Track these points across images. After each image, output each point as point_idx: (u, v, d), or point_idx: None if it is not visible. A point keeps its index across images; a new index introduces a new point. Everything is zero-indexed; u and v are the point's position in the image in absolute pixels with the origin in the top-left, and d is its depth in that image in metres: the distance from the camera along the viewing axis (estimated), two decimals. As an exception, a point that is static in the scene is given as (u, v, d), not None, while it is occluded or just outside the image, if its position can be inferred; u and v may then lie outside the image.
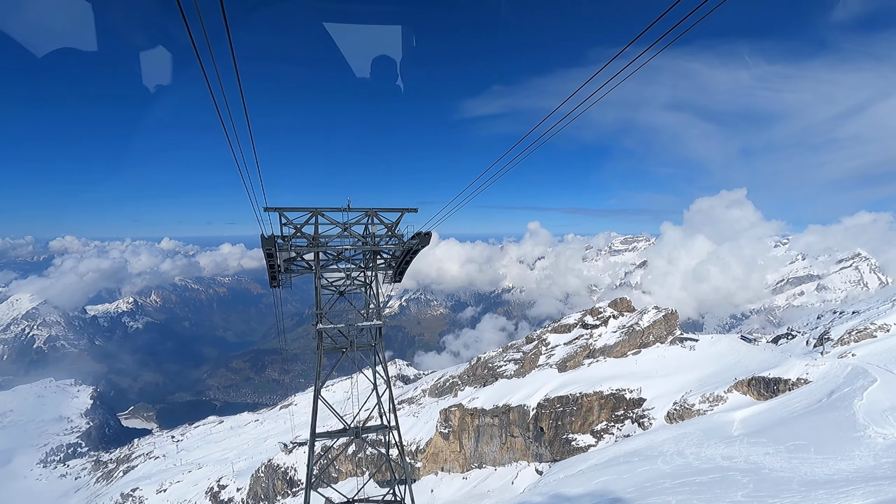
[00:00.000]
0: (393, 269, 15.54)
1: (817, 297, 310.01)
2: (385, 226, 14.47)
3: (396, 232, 14.50)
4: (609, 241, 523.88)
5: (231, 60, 6.17)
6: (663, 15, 5.58)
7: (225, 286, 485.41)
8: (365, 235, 14.36)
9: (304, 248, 14.05)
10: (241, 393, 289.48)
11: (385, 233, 14.50)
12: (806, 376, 48.17)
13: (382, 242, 14.42)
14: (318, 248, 14.00)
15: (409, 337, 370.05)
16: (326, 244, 14.12)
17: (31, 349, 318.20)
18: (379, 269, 15.19)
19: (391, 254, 15.07)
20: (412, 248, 14.41)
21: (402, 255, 14.91)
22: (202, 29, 5.07)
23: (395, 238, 14.53)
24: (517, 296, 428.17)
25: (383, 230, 14.55)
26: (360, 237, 14.34)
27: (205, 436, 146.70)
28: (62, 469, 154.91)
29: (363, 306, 15.23)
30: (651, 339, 77.90)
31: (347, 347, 14.81)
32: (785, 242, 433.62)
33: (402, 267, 15.48)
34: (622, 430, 62.96)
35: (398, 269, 15.57)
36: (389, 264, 15.45)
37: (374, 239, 14.24)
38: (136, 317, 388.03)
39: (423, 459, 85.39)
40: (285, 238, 13.81)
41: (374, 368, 15.97)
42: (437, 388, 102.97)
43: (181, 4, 4.66)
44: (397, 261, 15.24)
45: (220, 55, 5.82)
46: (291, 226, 13.75)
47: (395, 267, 15.45)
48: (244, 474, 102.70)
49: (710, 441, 40.55)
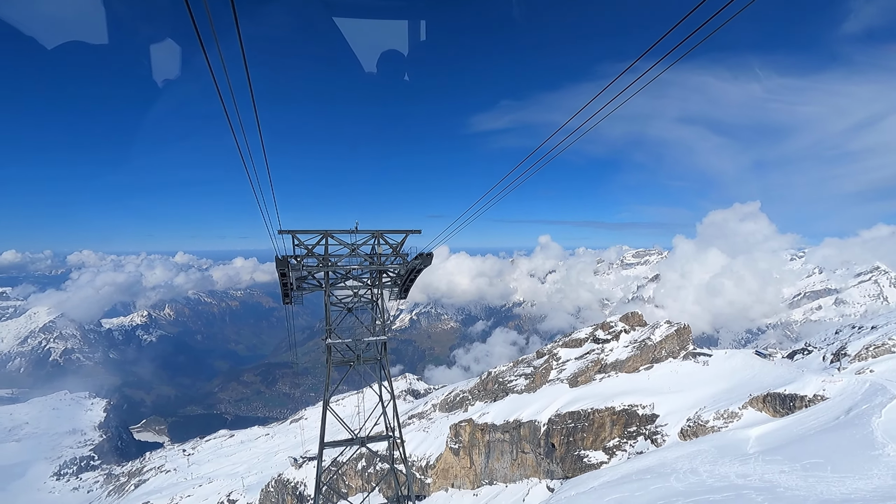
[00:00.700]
0: (398, 286, 16.35)
1: (835, 312, 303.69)
2: (390, 246, 15.33)
3: (401, 252, 15.33)
4: (621, 255, 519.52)
5: (246, 82, 6.48)
6: (670, 31, 5.55)
7: (237, 300, 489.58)
8: (371, 255, 15.21)
9: (315, 267, 14.83)
10: (252, 407, 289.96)
11: (390, 253, 15.29)
12: (823, 393, 47.21)
13: (388, 262, 15.29)
14: (328, 267, 14.89)
15: (419, 351, 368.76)
16: (336, 264, 14.98)
17: (48, 362, 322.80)
18: (385, 287, 16.15)
19: (396, 273, 15.87)
20: (415, 268, 15.24)
21: (407, 274, 15.73)
22: (219, 56, 5.40)
23: (400, 258, 15.38)
24: (528, 310, 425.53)
25: (389, 250, 15.33)
26: (367, 257, 15.20)
27: (216, 449, 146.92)
28: (75, 482, 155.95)
29: (370, 322, 16.03)
30: (663, 354, 76.95)
31: (354, 361, 15.62)
32: (801, 256, 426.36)
33: (407, 284, 16.27)
34: (635, 447, 61.98)
35: (403, 287, 16.36)
36: (395, 282, 16.27)
37: (379, 259, 15.09)
38: (150, 330, 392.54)
39: (433, 475, 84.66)
40: (298, 258, 14.63)
41: (381, 382, 16.58)
42: (447, 403, 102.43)
43: (201, 40, 5.03)
44: (402, 279, 16.04)
45: (230, 63, 6.10)
46: (303, 247, 14.57)
47: (400, 285, 16.27)
48: (254, 489, 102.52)
49: (725, 459, 39.78)
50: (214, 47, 5.33)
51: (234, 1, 4.66)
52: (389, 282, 16.24)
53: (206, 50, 5.14)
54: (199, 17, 4.64)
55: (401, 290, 16.56)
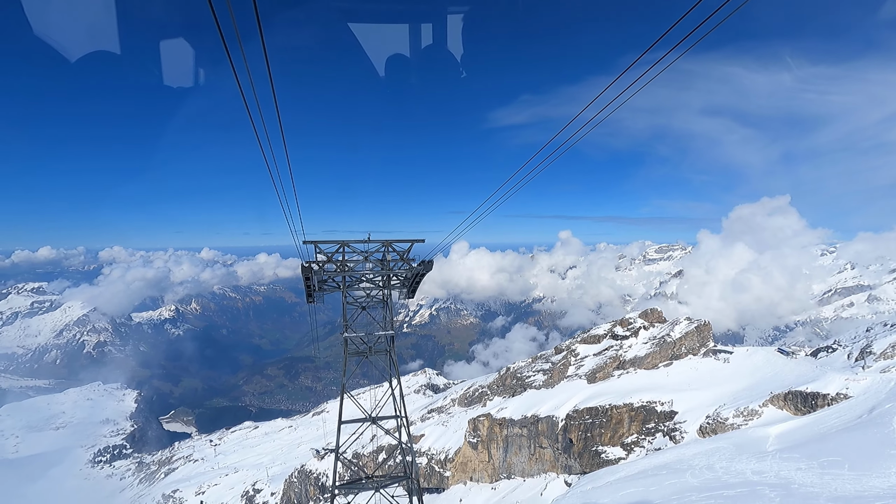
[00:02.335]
0: (406, 287, 18.46)
1: (868, 309, 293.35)
2: (398, 254, 17.44)
3: (407, 258, 17.46)
4: (643, 250, 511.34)
5: (269, 85, 6.98)
6: (684, 16, 5.41)
7: (261, 295, 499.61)
8: (382, 262, 17.42)
9: (334, 272, 17.08)
10: (276, 399, 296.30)
11: (398, 259, 17.45)
12: (846, 391, 46.46)
13: (395, 267, 17.47)
14: (345, 272, 17.14)
15: (438, 346, 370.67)
16: (351, 269, 17.24)
17: (82, 354, 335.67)
18: (394, 288, 18.25)
19: (403, 276, 17.95)
20: (419, 272, 17.40)
21: (412, 278, 17.92)
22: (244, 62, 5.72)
23: (406, 264, 17.49)
24: (548, 305, 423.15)
25: (396, 256, 17.46)
26: (378, 262, 17.47)
27: (241, 440, 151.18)
28: (109, 469, 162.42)
29: (381, 319, 18.21)
30: (683, 351, 76.29)
31: (367, 352, 18.07)
32: (832, 251, 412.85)
33: (413, 286, 18.41)
34: (653, 444, 61.86)
35: (410, 288, 18.54)
36: (403, 284, 18.34)
37: (388, 265, 17.32)
38: (178, 324, 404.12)
39: (451, 469, 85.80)
40: (319, 264, 16.73)
41: (389, 369, 18.61)
42: (466, 398, 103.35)
43: (227, 48, 5.78)
44: (408, 282, 18.17)
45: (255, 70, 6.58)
46: (324, 254, 16.73)
47: (407, 286, 18.41)
48: (278, 479, 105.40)
49: (742, 456, 39.67)
50: (240, 56, 5.69)
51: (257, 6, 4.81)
52: (398, 283, 18.33)
53: (231, 57, 5.43)
54: (225, 29, 4.87)
55: (408, 291, 18.75)
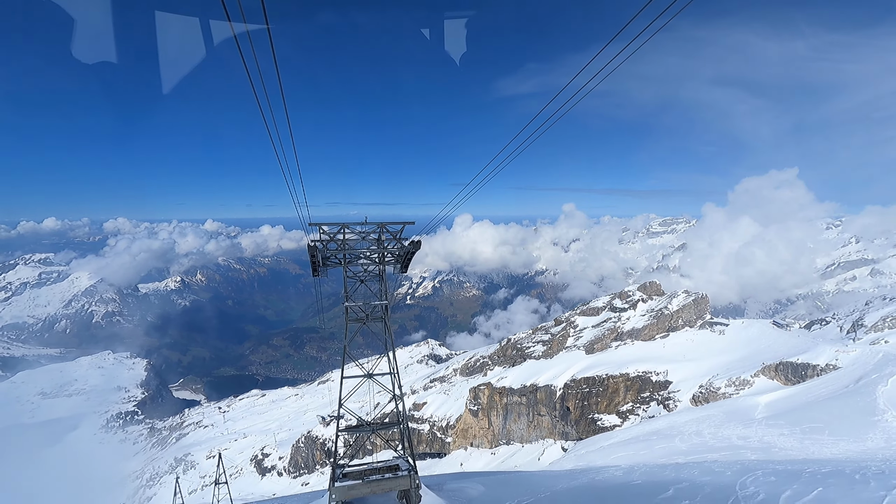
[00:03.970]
0: (399, 263, 21.31)
1: (871, 283, 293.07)
2: (391, 234, 20.12)
3: (400, 237, 20.23)
4: (647, 223, 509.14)
5: (272, 59, 7.08)
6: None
7: (265, 266, 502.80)
8: (378, 241, 20.08)
9: (336, 250, 19.77)
10: (282, 369, 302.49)
11: (391, 238, 20.22)
12: (835, 362, 47.76)
13: (389, 245, 20.17)
14: (345, 250, 19.85)
15: (441, 318, 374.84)
16: (351, 248, 19.94)
17: (91, 323, 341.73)
18: (388, 264, 20.99)
19: (396, 254, 20.74)
20: (410, 251, 20.19)
21: (405, 255, 20.69)
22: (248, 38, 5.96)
23: (398, 243, 20.24)
24: (550, 278, 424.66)
25: (390, 236, 20.20)
26: (374, 241, 20.12)
27: (249, 408, 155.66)
28: (121, 434, 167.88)
29: (377, 291, 21.05)
30: (680, 323, 77.67)
31: (365, 319, 20.85)
32: (838, 225, 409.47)
33: (405, 262, 21.24)
34: (647, 412, 63.89)
35: (403, 264, 21.37)
36: (397, 260, 21.15)
37: (382, 244, 20.06)
38: (184, 295, 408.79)
39: (453, 435, 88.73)
40: (323, 242, 19.42)
41: (385, 333, 21.38)
42: (467, 368, 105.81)
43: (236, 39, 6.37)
44: (401, 258, 20.98)
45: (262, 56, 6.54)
46: (327, 235, 19.50)
47: (400, 262, 21.23)
48: (285, 444, 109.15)
49: (731, 423, 41.29)
50: (243, 27, 5.81)
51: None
52: (392, 259, 21.07)
53: (235, 31, 5.57)
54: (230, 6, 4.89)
55: (401, 267, 21.59)
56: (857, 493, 11.13)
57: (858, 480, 12.33)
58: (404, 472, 19.60)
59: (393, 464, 20.81)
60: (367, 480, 18.95)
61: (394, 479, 19.15)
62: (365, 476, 19.39)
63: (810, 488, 11.72)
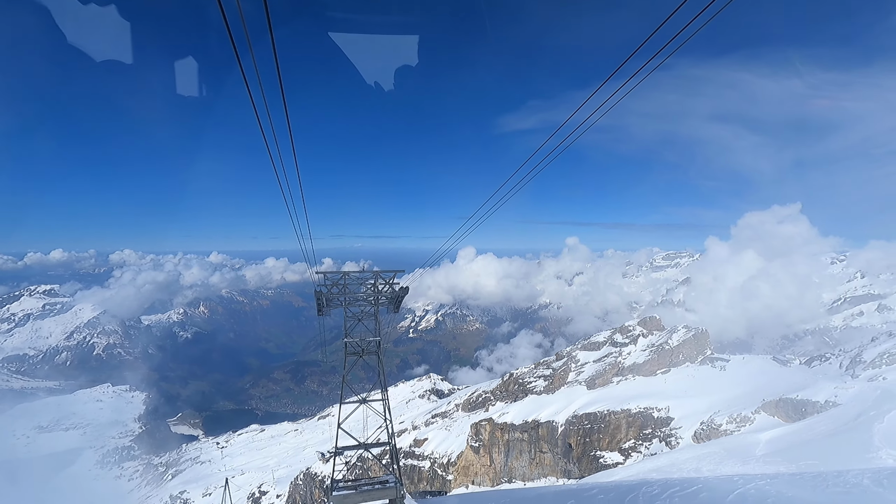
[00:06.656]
0: (392, 304, 25.44)
1: (879, 318, 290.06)
2: (384, 280, 24.38)
3: (392, 283, 24.48)
4: (651, 257, 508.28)
5: (280, 98, 7.10)
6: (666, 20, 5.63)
7: (268, 299, 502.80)
8: (373, 286, 24.49)
9: (338, 294, 24.06)
10: (282, 403, 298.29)
11: (384, 284, 24.46)
12: (835, 399, 47.71)
13: (383, 289, 24.45)
14: (346, 294, 24.19)
15: (444, 351, 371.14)
16: (351, 292, 24.31)
17: (92, 356, 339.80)
18: (382, 305, 25.13)
19: (388, 297, 24.96)
20: (400, 295, 24.51)
21: (395, 298, 24.95)
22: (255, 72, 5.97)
23: (390, 287, 24.49)
24: (554, 312, 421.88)
25: (383, 282, 24.47)
26: (371, 286, 24.52)
27: (247, 443, 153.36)
28: (117, 471, 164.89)
29: (373, 328, 24.92)
30: (681, 359, 77.52)
31: (361, 353, 24.56)
32: (842, 259, 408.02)
33: (397, 304, 25.39)
34: (649, 449, 63.15)
35: (395, 306, 25.58)
36: (390, 301, 25.21)
37: (377, 289, 24.40)
38: (186, 327, 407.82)
39: (454, 472, 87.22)
40: (328, 287, 23.94)
41: (379, 368, 25.16)
42: (469, 403, 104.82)
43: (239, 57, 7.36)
44: (393, 301, 25.18)
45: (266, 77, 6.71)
46: (331, 280, 23.96)
47: (392, 304, 25.39)
48: (284, 481, 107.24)
49: (730, 460, 41.09)
50: (251, 64, 6.00)
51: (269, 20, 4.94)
52: (385, 301, 25.14)
53: (242, 66, 5.65)
54: (236, 34, 4.86)
55: (394, 308, 25.79)
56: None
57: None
58: (392, 484, 22.77)
59: (383, 479, 23.81)
60: (361, 490, 22.06)
61: (383, 489, 22.37)
62: (359, 487, 22.42)
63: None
